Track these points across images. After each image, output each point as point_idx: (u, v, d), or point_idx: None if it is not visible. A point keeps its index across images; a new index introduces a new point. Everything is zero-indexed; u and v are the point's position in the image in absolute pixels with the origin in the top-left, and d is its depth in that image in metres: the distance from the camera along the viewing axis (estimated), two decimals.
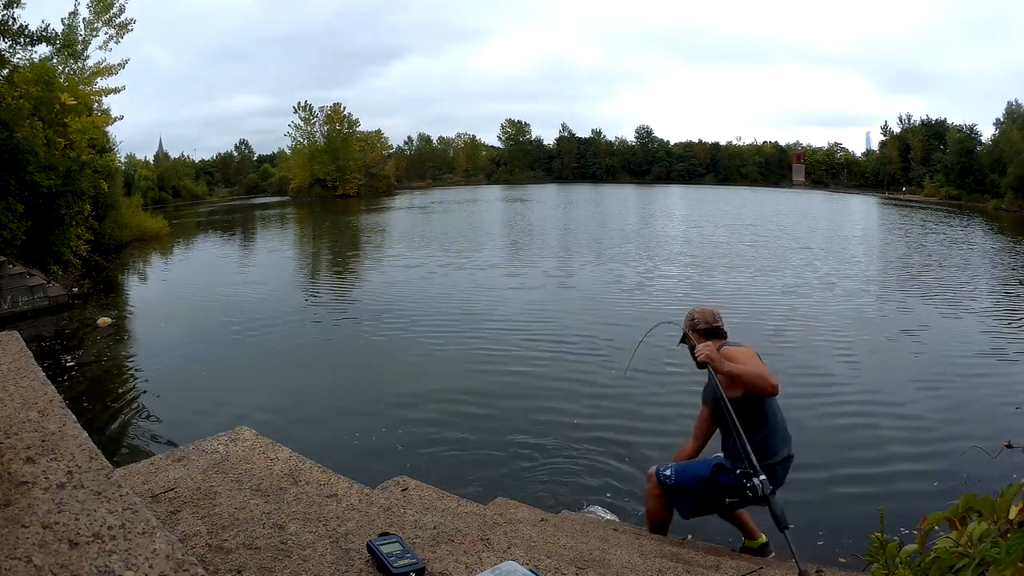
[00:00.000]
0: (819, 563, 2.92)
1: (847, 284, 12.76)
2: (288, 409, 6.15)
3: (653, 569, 2.23)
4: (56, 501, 1.21)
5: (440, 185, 75.15)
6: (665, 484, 3.05)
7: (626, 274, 13.87)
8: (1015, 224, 28.66)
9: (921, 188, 54.37)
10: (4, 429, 1.49)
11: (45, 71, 13.76)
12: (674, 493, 3.05)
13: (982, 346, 8.32)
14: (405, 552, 1.53)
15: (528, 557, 1.76)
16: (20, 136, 11.49)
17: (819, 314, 10.07)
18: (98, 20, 17.45)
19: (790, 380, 6.73)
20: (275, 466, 2.11)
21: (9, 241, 11.48)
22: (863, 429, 5.50)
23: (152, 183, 48.60)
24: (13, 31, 13.85)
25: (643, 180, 79.65)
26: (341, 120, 58.22)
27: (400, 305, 10.97)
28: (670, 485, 3.04)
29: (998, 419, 5.69)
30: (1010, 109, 42.03)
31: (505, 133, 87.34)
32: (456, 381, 6.90)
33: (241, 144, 79.50)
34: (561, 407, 6.04)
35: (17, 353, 2.09)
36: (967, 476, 4.52)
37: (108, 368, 7.87)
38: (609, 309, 10.48)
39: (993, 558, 0.81)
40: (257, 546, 1.57)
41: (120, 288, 14.45)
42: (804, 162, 76.15)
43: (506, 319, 9.83)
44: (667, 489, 3.06)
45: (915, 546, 1.06)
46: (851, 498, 4.36)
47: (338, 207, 43.85)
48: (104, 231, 18.66)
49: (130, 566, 1.05)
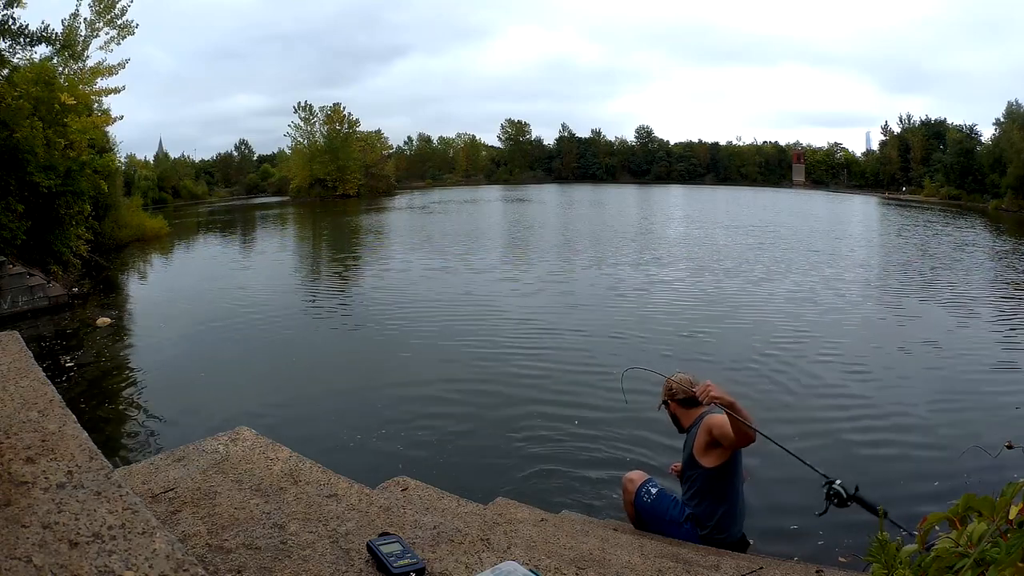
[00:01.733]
0: (819, 563, 2.92)
1: (849, 285, 12.77)
2: (288, 409, 6.15)
3: (653, 569, 2.23)
4: (56, 501, 1.21)
5: (440, 185, 75.16)
6: (641, 503, 3.15)
7: (627, 277, 13.88)
8: (1016, 224, 28.66)
9: (921, 188, 54.41)
10: (4, 429, 1.49)
11: (45, 71, 13.73)
12: (643, 513, 3.15)
13: (982, 346, 8.32)
14: (405, 552, 1.53)
15: (528, 557, 1.76)
16: (20, 136, 11.49)
17: (820, 314, 10.07)
18: (99, 20, 17.44)
19: (791, 380, 6.74)
20: (275, 466, 2.11)
21: (9, 241, 11.48)
22: (863, 429, 5.50)
23: (152, 183, 48.56)
24: (13, 31, 13.85)
25: (643, 180, 79.70)
26: (341, 120, 58.25)
27: (400, 305, 10.97)
28: (645, 506, 3.13)
29: (999, 419, 5.69)
30: (1010, 109, 42.06)
31: (505, 133, 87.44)
32: (456, 381, 6.89)
33: (241, 144, 79.58)
34: (562, 407, 6.05)
35: (17, 353, 2.09)
36: (967, 476, 4.52)
37: (108, 368, 7.87)
38: (611, 311, 10.48)
39: (993, 558, 0.81)
40: (257, 546, 1.57)
41: (120, 288, 14.45)
42: (804, 162, 76.18)
43: (507, 320, 9.83)
44: (640, 507, 3.16)
45: (915, 546, 1.06)
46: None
47: (338, 207, 43.85)
48: (104, 231, 18.67)
49: (130, 566, 1.05)
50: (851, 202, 47.82)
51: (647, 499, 3.10)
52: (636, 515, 3.17)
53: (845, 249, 18.97)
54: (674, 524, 2.98)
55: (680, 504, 3.05)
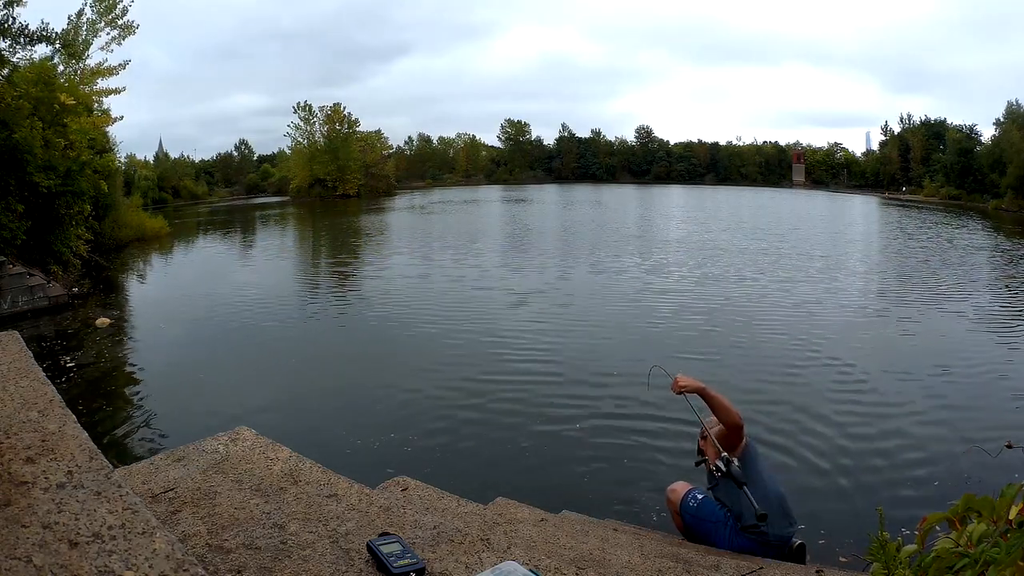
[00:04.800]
0: (819, 563, 2.92)
1: (850, 285, 12.78)
2: (288, 409, 6.16)
3: (653, 569, 2.23)
4: (56, 501, 1.21)
5: (440, 185, 75.15)
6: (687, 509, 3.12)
7: (629, 278, 13.88)
8: (1016, 224, 28.66)
9: (921, 188, 54.39)
10: (4, 429, 1.49)
11: (45, 71, 13.74)
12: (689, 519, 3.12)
13: (982, 346, 8.32)
14: (405, 552, 1.53)
15: (528, 557, 1.76)
16: (19, 136, 11.49)
17: (821, 315, 10.07)
18: (101, 20, 17.46)
19: (792, 380, 6.75)
20: (275, 466, 2.11)
21: (9, 241, 11.48)
22: (864, 429, 5.50)
23: (152, 183, 48.49)
24: (13, 31, 13.84)
25: (643, 180, 79.66)
26: (341, 120, 58.22)
27: (400, 306, 10.97)
28: (692, 511, 3.11)
29: (999, 419, 5.70)
30: (1010, 109, 42.05)
31: (505, 133, 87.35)
32: (457, 381, 6.90)
33: (241, 144, 79.46)
34: (562, 408, 6.05)
35: (17, 353, 2.09)
36: (967, 476, 4.52)
37: (108, 368, 7.87)
38: (612, 312, 10.48)
39: (993, 558, 0.81)
40: (257, 546, 1.57)
41: (120, 288, 14.45)
42: (804, 162, 76.15)
43: (508, 320, 9.84)
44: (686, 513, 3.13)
45: (915, 546, 1.06)
46: (852, 498, 4.37)
47: (338, 207, 43.86)
48: (104, 231, 18.66)
49: (130, 566, 1.05)
50: (851, 202, 47.82)
51: (693, 504, 3.11)
52: (683, 524, 3.17)
53: (847, 250, 18.98)
54: (720, 524, 2.99)
55: (723, 506, 3.06)
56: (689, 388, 2.93)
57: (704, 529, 3.05)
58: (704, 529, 3.05)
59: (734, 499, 2.87)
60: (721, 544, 2.94)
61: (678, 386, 2.95)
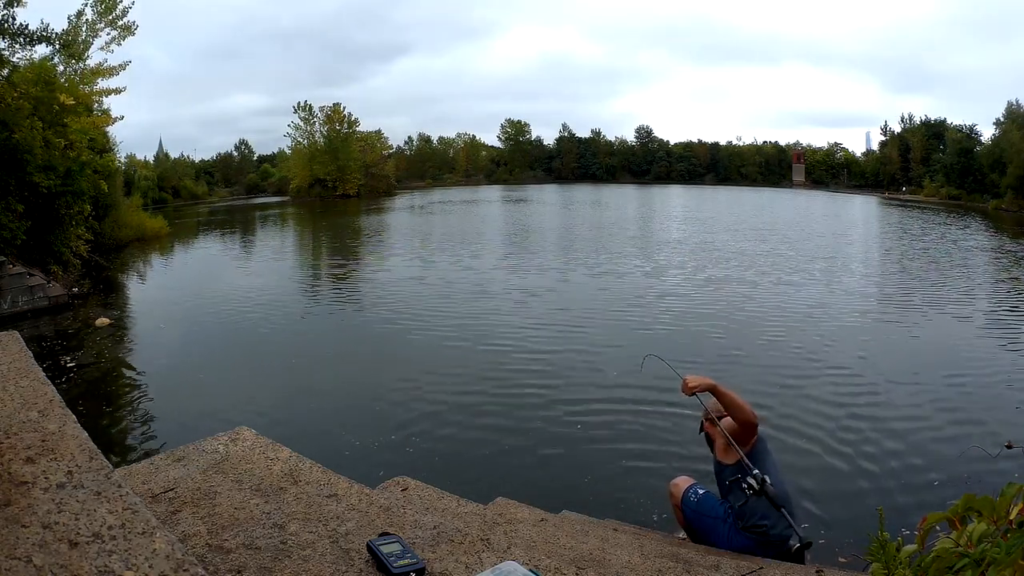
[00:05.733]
0: (819, 563, 2.92)
1: (850, 285, 12.78)
2: (288, 409, 6.16)
3: (653, 569, 2.23)
4: (56, 501, 1.21)
5: (440, 185, 75.15)
6: (688, 504, 3.12)
7: (629, 279, 13.88)
8: (1017, 225, 28.66)
9: (921, 188, 54.38)
10: (4, 429, 1.49)
11: (45, 71, 13.74)
12: (689, 513, 3.12)
13: (983, 346, 8.32)
14: (405, 552, 1.53)
15: (528, 557, 1.76)
16: (19, 136, 11.49)
17: (821, 315, 10.07)
18: (101, 20, 17.44)
19: (793, 380, 6.74)
20: (275, 466, 2.11)
21: (9, 241, 11.48)
22: (864, 429, 5.50)
23: (152, 183, 48.52)
24: (13, 31, 13.83)
25: (643, 180, 79.66)
26: (341, 120, 58.24)
27: (401, 306, 10.97)
28: (693, 506, 3.10)
29: (999, 419, 5.69)
30: (1010, 109, 42.06)
31: (505, 133, 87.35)
32: (457, 382, 6.90)
33: (241, 144, 79.49)
34: (563, 408, 6.05)
35: (17, 353, 2.09)
36: (967, 476, 4.52)
37: (108, 368, 7.87)
38: (612, 313, 10.48)
39: (993, 558, 0.81)
40: (257, 546, 1.57)
41: (120, 288, 14.45)
42: (804, 162, 76.15)
43: (508, 320, 9.83)
44: (687, 508, 3.12)
45: (915, 546, 1.06)
46: (852, 498, 4.37)
47: (338, 207, 43.87)
48: (104, 231, 18.66)
49: (130, 566, 1.05)
50: (852, 202, 47.82)
51: (694, 499, 3.10)
52: (684, 518, 3.17)
53: (848, 250, 18.97)
54: (719, 520, 2.98)
55: (724, 502, 3.05)
56: (700, 387, 2.88)
57: (704, 524, 3.05)
58: (704, 524, 3.05)
59: (764, 514, 2.76)
60: (720, 540, 2.93)
61: (688, 387, 2.90)
